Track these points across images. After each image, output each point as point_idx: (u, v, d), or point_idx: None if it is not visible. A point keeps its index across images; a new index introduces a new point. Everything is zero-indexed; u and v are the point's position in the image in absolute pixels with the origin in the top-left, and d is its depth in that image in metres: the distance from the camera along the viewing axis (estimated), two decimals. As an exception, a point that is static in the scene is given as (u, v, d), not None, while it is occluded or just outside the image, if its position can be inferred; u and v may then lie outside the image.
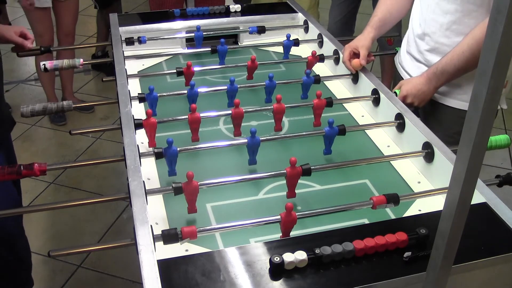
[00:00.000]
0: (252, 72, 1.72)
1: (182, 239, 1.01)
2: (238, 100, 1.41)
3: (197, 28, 1.91)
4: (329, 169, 1.29)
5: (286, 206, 1.05)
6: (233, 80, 1.53)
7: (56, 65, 1.75)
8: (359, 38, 1.70)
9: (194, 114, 1.38)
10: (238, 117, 1.41)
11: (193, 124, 1.39)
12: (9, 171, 1.20)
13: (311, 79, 1.61)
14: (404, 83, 1.57)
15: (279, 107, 1.43)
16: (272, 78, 1.57)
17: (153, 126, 1.37)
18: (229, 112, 1.41)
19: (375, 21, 1.72)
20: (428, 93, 1.52)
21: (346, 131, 1.36)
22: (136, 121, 1.36)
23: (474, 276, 1.01)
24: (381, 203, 1.11)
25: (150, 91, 1.49)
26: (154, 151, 1.26)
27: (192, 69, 1.65)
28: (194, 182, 1.13)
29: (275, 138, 1.39)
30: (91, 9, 3.90)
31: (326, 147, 1.37)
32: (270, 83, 1.57)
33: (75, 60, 1.76)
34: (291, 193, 1.23)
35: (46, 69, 1.74)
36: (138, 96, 1.52)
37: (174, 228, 1.02)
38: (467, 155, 0.71)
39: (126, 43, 1.89)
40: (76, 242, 2.40)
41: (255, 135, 1.29)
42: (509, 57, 0.63)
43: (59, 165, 1.36)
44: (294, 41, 1.89)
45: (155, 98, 1.50)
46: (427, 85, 1.51)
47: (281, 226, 1.07)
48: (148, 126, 1.36)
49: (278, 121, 1.46)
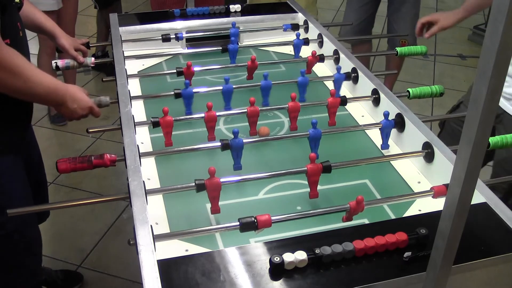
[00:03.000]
0: (252, 72, 1.71)
1: (257, 228, 1.04)
2: (253, 98, 1.41)
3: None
4: (349, 166, 1.29)
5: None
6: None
7: (68, 63, 1.76)
8: (445, 15, 1.77)
9: (211, 112, 1.37)
10: (253, 115, 1.40)
11: (209, 122, 1.38)
12: (81, 161, 1.22)
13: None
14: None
15: (294, 105, 1.43)
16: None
17: (169, 124, 1.36)
18: (234, 112, 1.41)
19: (472, 2, 1.76)
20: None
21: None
22: (153, 119, 1.36)
23: (474, 276, 1.01)
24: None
25: (186, 86, 1.50)
26: (221, 143, 1.27)
27: (192, 69, 1.65)
28: (216, 178, 1.12)
29: (257, 140, 1.39)
30: (91, 9, 3.90)
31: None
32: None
33: (87, 59, 1.78)
34: (314, 192, 1.22)
35: (58, 68, 1.75)
36: (174, 92, 1.52)
37: (251, 216, 1.04)
38: (467, 155, 0.71)
39: (163, 40, 1.90)
40: (76, 242, 2.41)
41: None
42: (509, 57, 0.63)
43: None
44: (304, 40, 1.89)
45: (190, 93, 1.50)
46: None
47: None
48: (164, 124, 1.36)
49: (294, 119, 1.45)
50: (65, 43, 1.75)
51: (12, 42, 1.34)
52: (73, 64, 1.77)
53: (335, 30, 3.60)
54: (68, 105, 1.40)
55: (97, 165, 1.24)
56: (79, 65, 1.79)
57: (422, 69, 3.96)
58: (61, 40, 1.75)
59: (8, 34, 1.35)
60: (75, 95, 1.42)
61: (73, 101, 1.41)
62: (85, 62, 1.78)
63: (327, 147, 1.39)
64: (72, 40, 1.80)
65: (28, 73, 1.27)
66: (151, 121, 1.37)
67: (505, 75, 0.65)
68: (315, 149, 1.34)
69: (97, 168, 1.26)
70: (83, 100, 1.43)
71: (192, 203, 1.24)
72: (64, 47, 1.76)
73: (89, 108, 1.45)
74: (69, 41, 1.77)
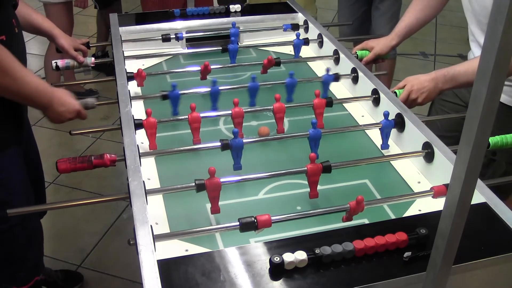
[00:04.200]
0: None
1: (257, 227, 1.03)
2: (237, 99, 1.41)
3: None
4: (349, 166, 1.29)
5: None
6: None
7: (68, 63, 1.77)
8: (379, 42, 1.73)
9: (194, 113, 1.38)
10: (238, 116, 1.40)
11: (193, 123, 1.38)
12: (81, 161, 1.22)
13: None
14: (410, 79, 1.58)
15: (279, 106, 1.43)
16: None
17: (153, 126, 1.36)
18: (229, 112, 1.41)
19: (401, 27, 1.76)
20: (433, 92, 1.53)
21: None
22: (136, 121, 1.36)
23: (474, 276, 1.01)
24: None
25: (173, 88, 1.50)
26: (221, 143, 1.27)
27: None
28: (216, 178, 1.12)
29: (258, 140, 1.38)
30: (91, 9, 3.90)
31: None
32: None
33: (87, 59, 1.79)
34: (314, 192, 1.22)
35: (58, 67, 1.76)
36: (161, 94, 1.52)
37: (250, 216, 1.04)
38: (467, 155, 0.71)
39: (163, 40, 1.90)
40: (76, 242, 2.41)
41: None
42: (509, 57, 0.63)
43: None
44: (304, 40, 1.89)
45: (177, 96, 1.50)
46: (433, 83, 1.52)
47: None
48: (148, 126, 1.36)
49: (280, 121, 1.45)
50: (65, 43, 1.76)
51: (7, 39, 1.36)
52: (73, 64, 1.77)
53: (335, 30, 3.60)
54: (55, 108, 1.41)
55: (97, 165, 1.24)
56: (79, 65, 1.79)
57: (422, 69, 3.96)
58: (61, 40, 1.75)
59: (4, 31, 1.36)
60: (62, 98, 1.43)
61: (61, 104, 1.42)
62: (85, 62, 1.79)
63: (327, 147, 1.39)
64: (72, 40, 1.80)
65: (17, 72, 1.29)
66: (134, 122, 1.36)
67: (505, 75, 0.65)
68: (315, 149, 1.34)
69: (97, 168, 1.26)
70: (70, 104, 1.44)
71: (192, 203, 1.24)
72: (64, 47, 1.76)
73: (76, 111, 1.46)
74: (68, 41, 1.77)
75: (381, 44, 1.80)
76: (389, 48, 1.80)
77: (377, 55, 1.82)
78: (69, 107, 1.43)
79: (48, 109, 1.41)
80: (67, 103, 1.43)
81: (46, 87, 1.38)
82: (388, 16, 2.88)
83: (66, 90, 1.47)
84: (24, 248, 1.64)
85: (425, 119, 1.46)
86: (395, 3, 2.89)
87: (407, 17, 1.79)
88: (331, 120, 1.53)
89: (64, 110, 1.42)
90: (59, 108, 1.41)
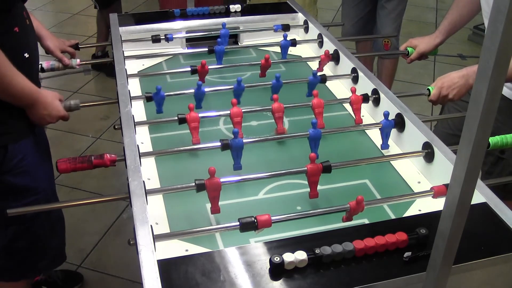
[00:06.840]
0: (265, 70, 1.72)
1: (257, 228, 1.04)
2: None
3: (223, 25, 1.90)
4: (349, 166, 1.29)
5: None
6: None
7: (53, 65, 1.76)
8: (423, 41, 1.75)
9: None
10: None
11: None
12: (81, 161, 1.23)
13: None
14: (441, 77, 1.61)
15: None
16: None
17: (196, 120, 1.37)
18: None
19: (445, 25, 1.78)
20: (464, 88, 1.56)
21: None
22: (180, 116, 1.37)
23: (474, 276, 1.01)
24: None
25: (158, 90, 1.50)
26: (221, 143, 1.28)
27: (206, 67, 1.65)
28: (216, 178, 1.12)
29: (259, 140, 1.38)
30: (91, 9, 3.90)
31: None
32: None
33: (72, 61, 1.78)
34: (314, 192, 1.22)
35: (42, 69, 1.75)
36: (145, 95, 1.53)
37: (250, 216, 1.04)
38: (467, 155, 0.71)
39: (153, 41, 1.90)
40: (76, 242, 2.40)
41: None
42: (509, 57, 0.63)
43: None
44: (291, 41, 1.89)
45: (162, 97, 1.51)
46: (464, 79, 1.55)
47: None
48: (191, 120, 1.37)
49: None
50: (50, 44, 1.75)
51: (20, 30, 1.38)
52: (58, 66, 1.77)
53: (335, 30, 3.60)
54: (38, 111, 1.44)
55: (97, 165, 1.24)
56: (64, 67, 1.78)
57: (422, 69, 3.95)
58: (46, 42, 1.75)
59: (16, 22, 1.37)
60: (47, 102, 1.45)
61: (43, 108, 1.44)
62: (70, 64, 1.78)
63: (327, 147, 1.39)
64: (59, 42, 1.80)
65: (5, 71, 1.31)
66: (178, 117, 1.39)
67: (505, 75, 0.65)
68: (315, 149, 1.34)
69: (97, 168, 1.26)
70: (54, 109, 1.47)
71: (192, 203, 1.24)
72: (49, 49, 1.76)
73: (58, 117, 1.49)
74: (54, 43, 1.77)
75: (425, 43, 1.83)
76: (433, 47, 1.83)
77: (421, 53, 1.85)
78: (51, 112, 1.46)
79: (31, 110, 1.44)
80: (51, 108, 1.46)
81: (32, 89, 1.41)
82: (394, 15, 2.88)
83: (55, 93, 1.50)
84: (48, 236, 1.65)
85: (425, 119, 1.46)
86: (401, 3, 2.90)
87: (450, 14, 1.81)
88: (331, 120, 1.53)
89: (45, 113, 1.45)
90: (41, 111, 1.44)
